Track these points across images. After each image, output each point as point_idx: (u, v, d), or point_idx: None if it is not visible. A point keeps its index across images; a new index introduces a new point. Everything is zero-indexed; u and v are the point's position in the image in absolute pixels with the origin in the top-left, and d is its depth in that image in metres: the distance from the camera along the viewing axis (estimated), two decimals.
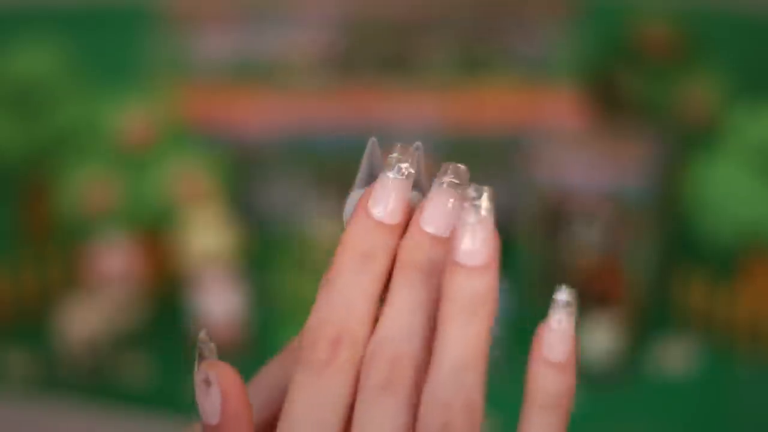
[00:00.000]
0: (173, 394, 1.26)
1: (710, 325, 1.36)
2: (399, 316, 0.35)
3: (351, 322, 0.35)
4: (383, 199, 0.36)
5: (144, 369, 1.31)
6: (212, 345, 0.37)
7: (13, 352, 1.34)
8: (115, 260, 1.38)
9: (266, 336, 1.37)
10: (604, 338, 1.26)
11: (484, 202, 0.35)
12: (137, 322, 1.37)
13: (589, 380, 1.27)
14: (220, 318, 1.32)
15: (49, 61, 1.49)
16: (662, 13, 1.60)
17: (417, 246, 0.36)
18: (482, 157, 1.58)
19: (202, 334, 0.37)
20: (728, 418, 1.23)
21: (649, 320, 1.37)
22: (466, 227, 0.35)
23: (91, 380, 1.28)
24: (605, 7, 1.65)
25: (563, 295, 0.36)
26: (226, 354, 1.32)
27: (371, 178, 0.39)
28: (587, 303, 1.30)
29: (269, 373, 0.40)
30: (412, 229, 0.36)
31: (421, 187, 0.40)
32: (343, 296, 0.35)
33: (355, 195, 0.39)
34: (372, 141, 0.39)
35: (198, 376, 0.36)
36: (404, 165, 0.36)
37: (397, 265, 0.36)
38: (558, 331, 0.35)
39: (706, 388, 1.27)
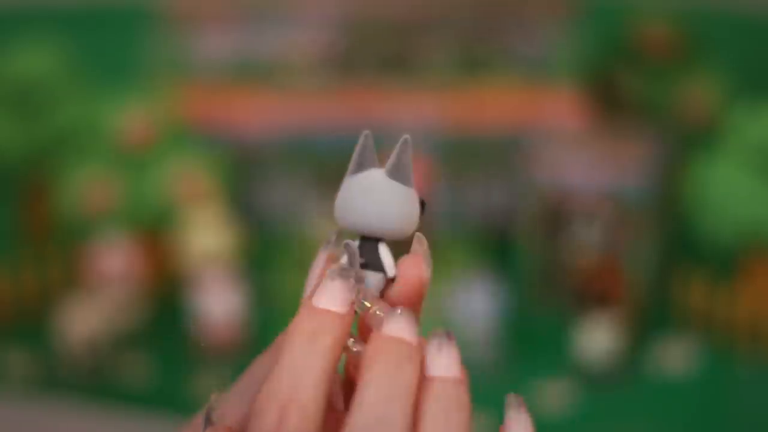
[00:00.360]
0: (173, 394, 1.26)
1: (710, 325, 1.36)
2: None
3: (299, 392, 0.37)
4: (328, 296, 0.39)
5: (144, 369, 1.31)
6: (220, 412, 0.39)
7: (13, 352, 1.34)
8: (115, 260, 1.38)
9: (266, 336, 1.36)
10: (604, 338, 1.26)
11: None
12: (137, 322, 1.37)
13: (589, 380, 1.27)
14: (220, 318, 1.32)
15: (49, 61, 1.49)
16: (662, 13, 1.60)
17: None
18: (482, 157, 1.58)
19: (214, 398, 0.40)
20: (728, 418, 1.23)
21: (649, 320, 1.37)
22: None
23: (91, 380, 1.28)
24: (605, 7, 1.65)
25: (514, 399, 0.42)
26: (225, 354, 1.32)
27: (360, 167, 0.42)
28: (587, 303, 1.30)
29: (261, 366, 0.41)
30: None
31: (408, 181, 0.41)
32: (291, 370, 0.37)
33: (343, 185, 0.41)
34: (365, 133, 0.41)
35: None
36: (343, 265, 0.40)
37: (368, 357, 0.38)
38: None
39: (706, 388, 1.27)
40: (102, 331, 1.30)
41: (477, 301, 1.29)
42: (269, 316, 1.39)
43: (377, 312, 0.39)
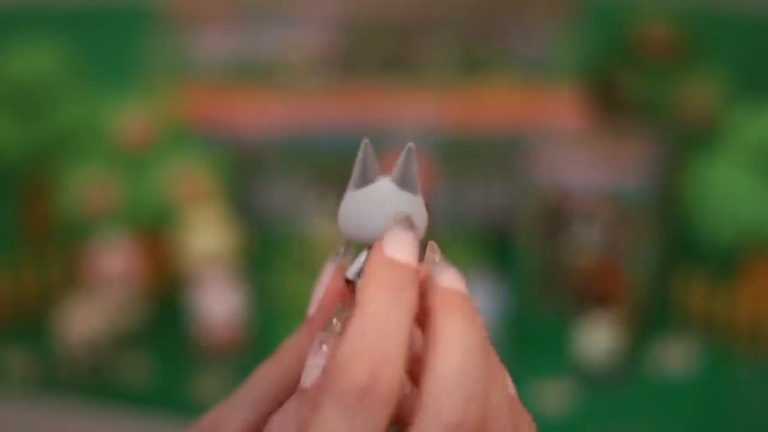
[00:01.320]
0: (173, 394, 1.26)
1: (710, 325, 1.36)
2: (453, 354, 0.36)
3: (391, 349, 0.34)
4: (404, 245, 0.37)
5: (144, 369, 1.31)
6: (346, 314, 0.37)
7: (13, 352, 1.34)
8: (115, 260, 1.38)
9: (266, 336, 1.37)
10: (604, 338, 1.26)
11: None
12: (137, 322, 1.37)
13: (589, 380, 1.27)
14: (220, 318, 1.32)
15: (49, 61, 1.49)
16: (662, 13, 1.60)
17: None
18: (482, 157, 1.58)
19: (341, 304, 0.38)
20: (728, 418, 1.23)
21: (649, 320, 1.37)
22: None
23: (91, 380, 1.28)
24: (605, 7, 1.65)
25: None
26: (225, 354, 1.32)
27: (364, 180, 0.41)
28: (587, 303, 1.30)
29: (267, 371, 0.40)
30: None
31: (416, 190, 0.41)
32: (378, 324, 0.34)
33: (349, 196, 0.40)
34: (365, 142, 0.40)
35: (317, 337, 0.37)
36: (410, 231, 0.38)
37: (439, 304, 0.37)
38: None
39: (706, 388, 1.27)
40: (102, 331, 1.30)
41: (477, 301, 1.29)
42: (269, 316, 1.39)
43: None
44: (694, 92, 1.55)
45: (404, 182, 0.41)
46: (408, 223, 0.38)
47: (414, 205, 0.41)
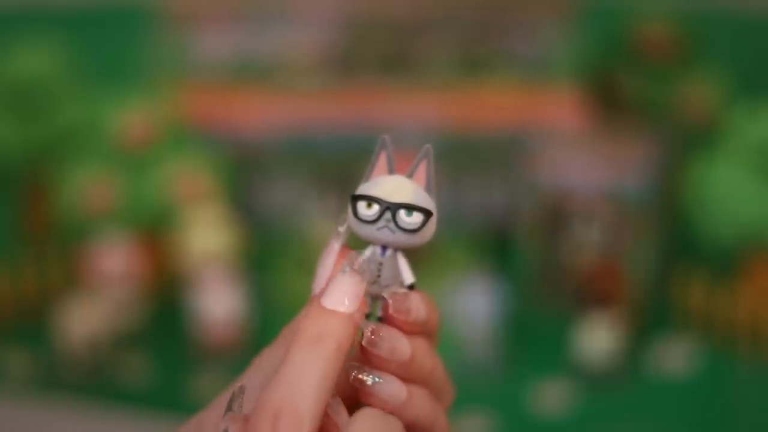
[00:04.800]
0: (173, 394, 1.26)
1: (710, 325, 1.36)
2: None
3: (295, 400, 0.36)
4: (337, 293, 0.39)
5: (144, 369, 1.31)
6: (242, 401, 0.39)
7: (13, 352, 1.34)
8: (115, 260, 1.37)
9: (266, 336, 1.36)
10: (604, 338, 1.26)
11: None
12: (137, 322, 1.37)
13: (589, 380, 1.27)
14: (220, 318, 1.32)
15: (49, 61, 1.49)
16: (662, 14, 1.60)
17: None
18: (482, 157, 1.58)
19: (237, 387, 0.40)
20: (728, 418, 1.23)
21: (649, 320, 1.37)
22: None
23: (91, 380, 1.28)
24: (605, 7, 1.65)
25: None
26: (225, 354, 1.32)
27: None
28: (587, 303, 1.30)
29: (270, 357, 0.42)
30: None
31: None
32: (289, 376, 0.37)
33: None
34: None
35: (220, 425, 0.38)
36: (353, 264, 0.40)
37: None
38: None
39: (706, 388, 1.27)
40: (102, 331, 1.30)
41: (477, 302, 1.29)
42: (269, 316, 1.39)
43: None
44: (694, 92, 1.55)
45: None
46: (352, 268, 0.40)
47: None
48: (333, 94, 1.57)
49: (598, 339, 1.26)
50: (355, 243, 0.42)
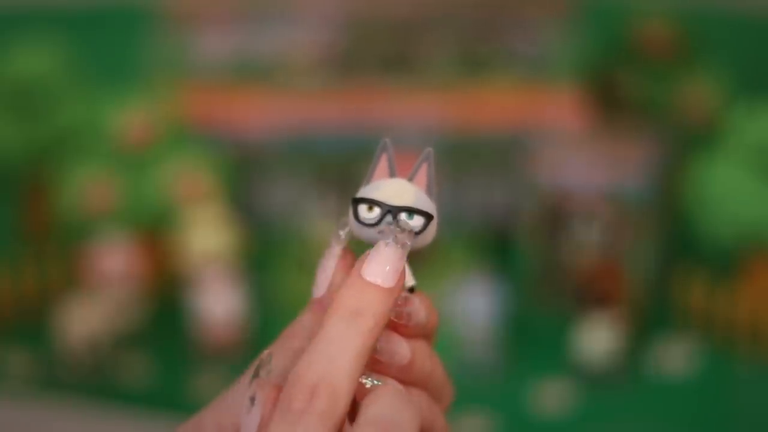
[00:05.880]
0: (173, 394, 1.26)
1: (710, 325, 1.36)
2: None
3: (331, 374, 0.36)
4: (378, 265, 0.38)
5: (144, 369, 1.31)
6: (270, 367, 0.38)
7: (13, 352, 1.34)
8: (115, 260, 1.37)
9: (266, 336, 1.36)
10: (604, 338, 1.26)
11: None
12: (137, 322, 1.37)
13: (589, 380, 1.27)
14: (220, 318, 1.32)
15: (49, 61, 1.49)
16: (662, 13, 1.60)
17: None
18: (482, 157, 1.58)
19: (266, 353, 0.39)
20: (728, 418, 1.23)
21: (649, 320, 1.37)
22: None
23: (91, 380, 1.28)
24: (605, 7, 1.65)
25: None
26: (225, 354, 1.32)
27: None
28: (587, 303, 1.30)
29: (301, 325, 0.41)
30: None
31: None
32: (325, 350, 0.36)
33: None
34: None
35: (247, 392, 0.37)
36: (401, 236, 0.39)
37: None
38: None
39: (706, 388, 1.27)
40: (102, 331, 1.30)
41: (477, 302, 1.29)
42: (269, 316, 1.39)
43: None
44: (694, 92, 1.55)
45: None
46: (396, 238, 0.39)
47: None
48: (333, 94, 1.57)
49: (598, 339, 1.26)
50: (356, 246, 0.42)
